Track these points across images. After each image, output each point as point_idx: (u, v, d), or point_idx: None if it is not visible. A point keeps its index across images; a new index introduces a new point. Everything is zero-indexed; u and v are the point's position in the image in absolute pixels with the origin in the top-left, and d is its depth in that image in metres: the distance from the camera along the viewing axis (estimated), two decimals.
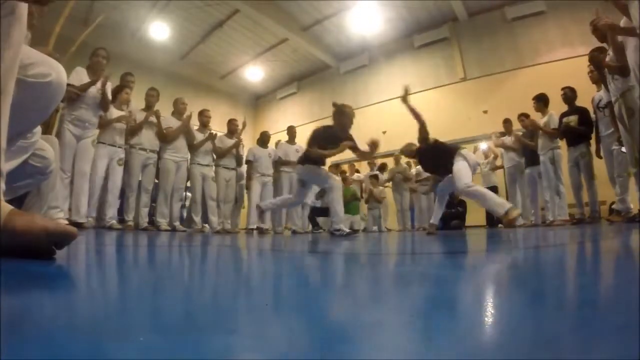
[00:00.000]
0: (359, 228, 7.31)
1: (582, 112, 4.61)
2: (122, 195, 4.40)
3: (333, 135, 3.58)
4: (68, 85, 3.52)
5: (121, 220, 4.30)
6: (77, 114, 3.53)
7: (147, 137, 4.50)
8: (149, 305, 0.48)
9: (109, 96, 3.71)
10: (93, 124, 3.69)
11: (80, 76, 3.57)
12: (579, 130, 4.57)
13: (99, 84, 3.63)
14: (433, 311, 0.45)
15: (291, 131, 6.02)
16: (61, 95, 1.02)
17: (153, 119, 4.53)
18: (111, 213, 4.01)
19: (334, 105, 3.71)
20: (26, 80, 0.90)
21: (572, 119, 4.64)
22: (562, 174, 4.85)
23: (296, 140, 6.03)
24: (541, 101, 5.12)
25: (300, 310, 0.46)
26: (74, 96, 3.49)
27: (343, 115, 3.64)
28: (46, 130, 3.13)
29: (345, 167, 8.20)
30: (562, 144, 4.91)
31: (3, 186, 0.80)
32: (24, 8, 0.81)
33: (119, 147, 4.08)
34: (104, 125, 3.97)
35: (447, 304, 0.51)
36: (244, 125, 5.60)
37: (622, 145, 3.65)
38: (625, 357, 0.26)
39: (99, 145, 3.85)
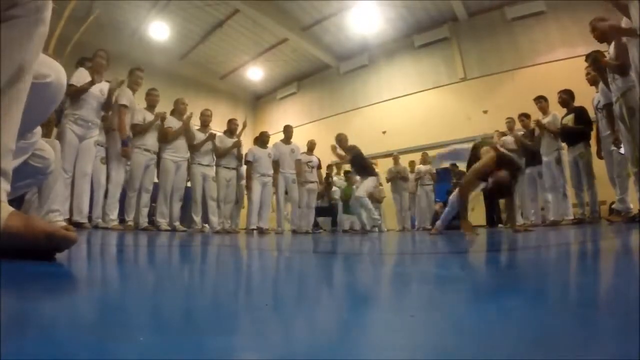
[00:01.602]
0: (358, 228, 7.31)
1: (578, 112, 4.62)
2: (123, 195, 4.39)
3: None
4: (69, 85, 3.53)
5: (121, 220, 4.29)
6: (80, 114, 3.53)
7: (152, 138, 4.51)
8: (149, 305, 0.48)
9: (112, 95, 3.69)
10: (95, 124, 3.67)
11: (83, 77, 3.56)
12: (576, 129, 4.57)
13: (103, 87, 3.64)
14: (433, 311, 0.45)
15: (288, 130, 5.98)
16: (61, 96, 1.02)
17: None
18: (97, 212, 3.97)
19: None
20: None
21: (569, 118, 4.66)
22: (566, 174, 4.86)
23: (292, 140, 6.00)
24: (545, 101, 5.11)
25: (300, 310, 0.46)
26: (74, 96, 3.49)
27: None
28: (47, 132, 3.13)
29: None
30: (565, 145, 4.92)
31: (7, 186, 0.79)
32: (48, 10, 0.80)
33: (102, 145, 4.05)
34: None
35: (446, 304, 0.51)
36: (245, 125, 5.60)
37: (618, 147, 3.66)
38: (625, 357, 0.26)
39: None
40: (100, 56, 3.69)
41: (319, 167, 6.62)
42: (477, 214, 7.48)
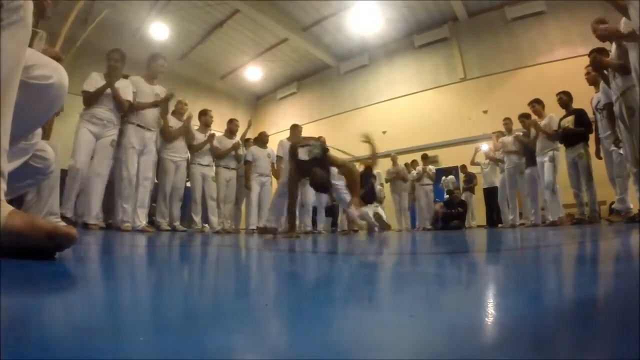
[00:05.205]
0: (358, 229, 7.29)
1: (578, 113, 4.63)
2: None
3: None
4: (83, 92, 3.49)
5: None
6: (93, 112, 3.49)
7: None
8: (149, 305, 0.48)
9: (122, 95, 3.60)
10: (112, 122, 3.59)
11: (96, 81, 3.52)
12: (576, 131, 4.58)
13: (122, 85, 3.61)
14: (432, 311, 0.45)
15: (295, 129, 5.87)
16: (62, 98, 1.02)
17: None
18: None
19: None
20: (28, 82, 0.90)
21: (569, 120, 4.67)
22: (558, 174, 4.89)
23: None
24: (539, 104, 5.15)
25: (298, 310, 0.46)
26: (89, 101, 3.47)
27: None
28: (44, 136, 3.11)
29: None
30: (561, 146, 4.94)
31: (4, 186, 0.80)
32: (28, 10, 0.81)
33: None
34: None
35: (445, 304, 0.51)
36: (249, 125, 5.59)
37: (618, 147, 3.66)
38: (625, 357, 0.26)
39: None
40: (113, 59, 3.63)
41: None
42: (478, 214, 7.50)
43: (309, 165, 3.07)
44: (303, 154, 3.14)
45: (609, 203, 5.10)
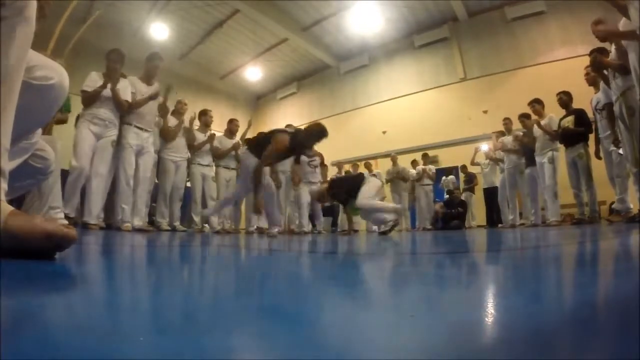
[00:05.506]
0: (358, 229, 7.30)
1: (578, 113, 4.64)
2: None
3: None
4: (82, 91, 3.48)
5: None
6: (94, 112, 3.49)
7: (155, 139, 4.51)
8: (149, 305, 0.48)
9: (120, 96, 3.59)
10: (113, 122, 3.60)
11: (96, 81, 3.52)
12: (576, 131, 4.59)
13: (122, 85, 3.61)
14: (433, 311, 0.45)
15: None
16: (63, 99, 1.03)
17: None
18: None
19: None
20: (30, 83, 0.90)
21: (569, 120, 4.67)
22: (558, 175, 4.89)
23: None
24: (539, 104, 5.15)
25: (297, 310, 0.46)
26: (88, 101, 3.47)
27: None
28: (44, 131, 3.10)
29: (347, 166, 8.19)
30: (561, 146, 4.94)
31: (5, 186, 0.80)
32: (32, 9, 0.81)
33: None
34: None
35: (446, 304, 0.51)
36: (249, 125, 5.60)
37: (618, 147, 3.67)
38: (625, 357, 0.26)
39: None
40: (112, 59, 3.61)
41: (322, 163, 6.43)
42: (478, 214, 7.50)
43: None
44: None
45: (609, 203, 5.11)
